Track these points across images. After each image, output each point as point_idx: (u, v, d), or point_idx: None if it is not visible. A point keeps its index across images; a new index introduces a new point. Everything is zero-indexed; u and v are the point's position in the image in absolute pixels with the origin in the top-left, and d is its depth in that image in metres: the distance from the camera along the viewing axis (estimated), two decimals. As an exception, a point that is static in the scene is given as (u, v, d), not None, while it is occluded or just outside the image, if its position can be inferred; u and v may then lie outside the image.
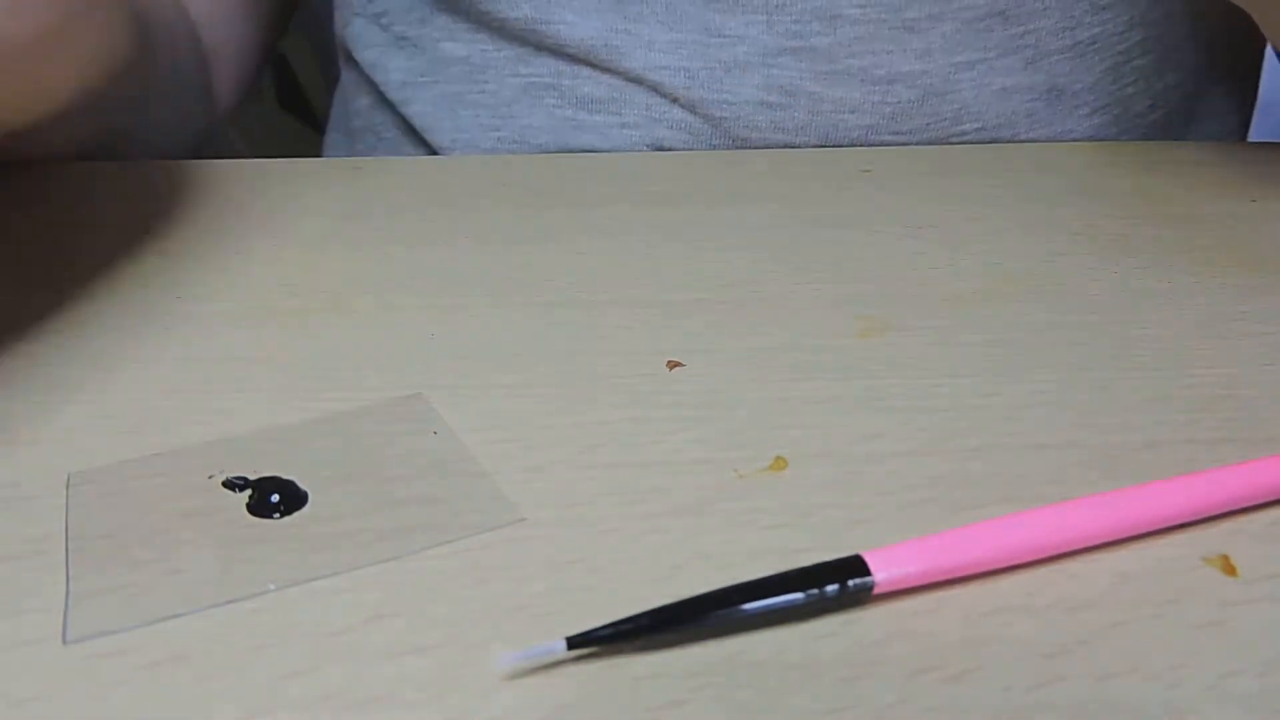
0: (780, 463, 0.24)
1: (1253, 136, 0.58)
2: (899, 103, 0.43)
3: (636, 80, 0.44)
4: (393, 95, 0.49)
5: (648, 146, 0.45)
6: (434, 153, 0.48)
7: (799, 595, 0.19)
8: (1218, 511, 0.22)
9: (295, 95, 0.87)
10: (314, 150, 0.62)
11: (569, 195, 0.38)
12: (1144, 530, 0.21)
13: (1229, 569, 0.21)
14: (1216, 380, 0.27)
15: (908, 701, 0.18)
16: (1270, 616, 0.20)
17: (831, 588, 0.19)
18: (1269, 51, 0.55)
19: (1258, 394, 0.26)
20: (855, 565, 0.20)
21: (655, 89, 0.44)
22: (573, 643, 0.18)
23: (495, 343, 0.28)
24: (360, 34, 0.50)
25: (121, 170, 0.39)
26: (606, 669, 0.18)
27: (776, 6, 0.42)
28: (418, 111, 0.48)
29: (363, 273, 0.32)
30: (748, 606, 0.19)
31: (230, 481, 0.23)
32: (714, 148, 0.45)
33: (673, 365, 0.28)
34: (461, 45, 0.46)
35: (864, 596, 0.20)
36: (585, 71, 0.44)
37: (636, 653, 0.19)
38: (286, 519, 0.22)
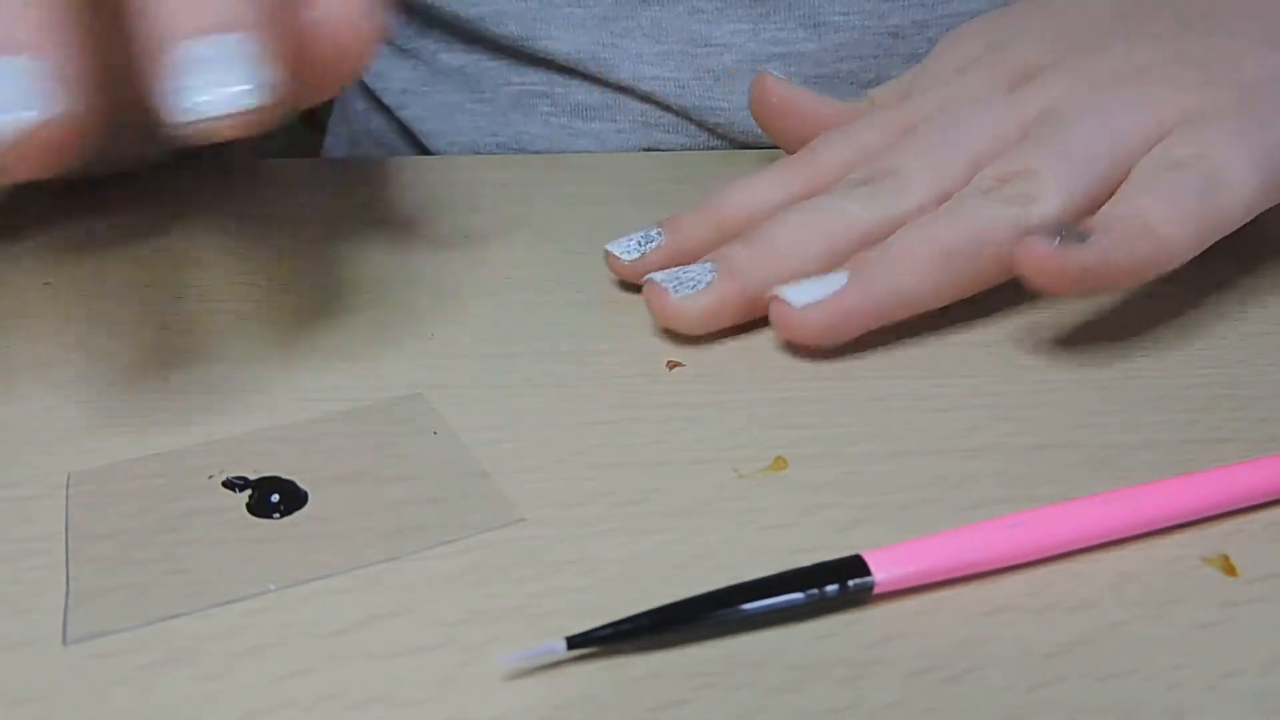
0: (780, 463, 0.24)
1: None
2: None
3: (628, 90, 0.44)
4: (392, 101, 0.49)
5: (644, 150, 0.45)
6: (432, 155, 0.48)
7: (799, 595, 0.19)
8: (1218, 511, 0.22)
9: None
10: (314, 150, 0.62)
11: (567, 195, 0.38)
12: (1144, 530, 0.21)
13: (1229, 569, 0.21)
14: (1216, 380, 0.27)
15: (908, 701, 0.18)
16: (1270, 616, 0.20)
17: (831, 588, 0.19)
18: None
19: (1258, 394, 0.26)
20: (855, 565, 0.20)
21: (647, 98, 0.44)
22: (573, 643, 0.18)
23: (495, 342, 0.28)
24: None
25: (119, 169, 0.39)
26: (606, 669, 0.18)
27: (761, 15, 0.42)
28: (416, 117, 0.48)
29: (362, 272, 0.32)
30: (748, 606, 0.19)
31: (230, 481, 0.23)
32: (711, 149, 0.45)
33: (673, 365, 0.28)
34: (457, 56, 0.47)
35: (864, 596, 0.20)
36: (577, 81, 0.45)
37: (636, 653, 0.19)
38: (286, 519, 0.22)
